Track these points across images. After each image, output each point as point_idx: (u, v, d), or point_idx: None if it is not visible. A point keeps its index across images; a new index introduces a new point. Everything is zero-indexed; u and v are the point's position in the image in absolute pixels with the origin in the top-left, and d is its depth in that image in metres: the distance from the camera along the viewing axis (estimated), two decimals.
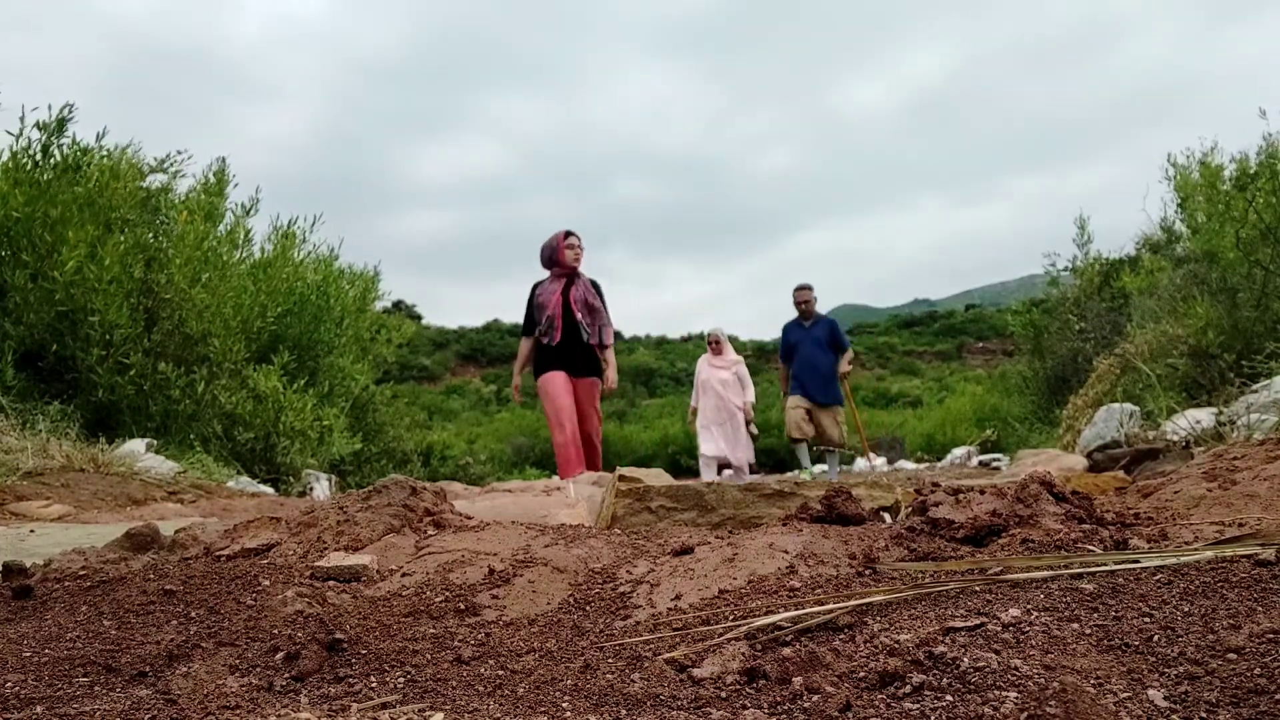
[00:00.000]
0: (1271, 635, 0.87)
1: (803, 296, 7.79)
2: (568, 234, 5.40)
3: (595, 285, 5.47)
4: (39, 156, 5.81)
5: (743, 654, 1.02)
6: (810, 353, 7.58)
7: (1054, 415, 9.01)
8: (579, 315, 5.25)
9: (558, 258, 5.34)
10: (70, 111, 5.85)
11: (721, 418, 8.12)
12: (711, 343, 8.42)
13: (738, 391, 8.18)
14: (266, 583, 1.46)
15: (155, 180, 6.76)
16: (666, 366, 39.03)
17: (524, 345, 5.47)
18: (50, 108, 5.82)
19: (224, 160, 7.26)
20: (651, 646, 1.10)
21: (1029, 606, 1.03)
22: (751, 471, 8.24)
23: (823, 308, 7.83)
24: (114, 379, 5.56)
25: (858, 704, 0.86)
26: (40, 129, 5.77)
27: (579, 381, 5.27)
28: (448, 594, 1.42)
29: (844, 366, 7.59)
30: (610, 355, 5.43)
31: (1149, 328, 6.79)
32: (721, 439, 8.11)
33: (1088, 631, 0.95)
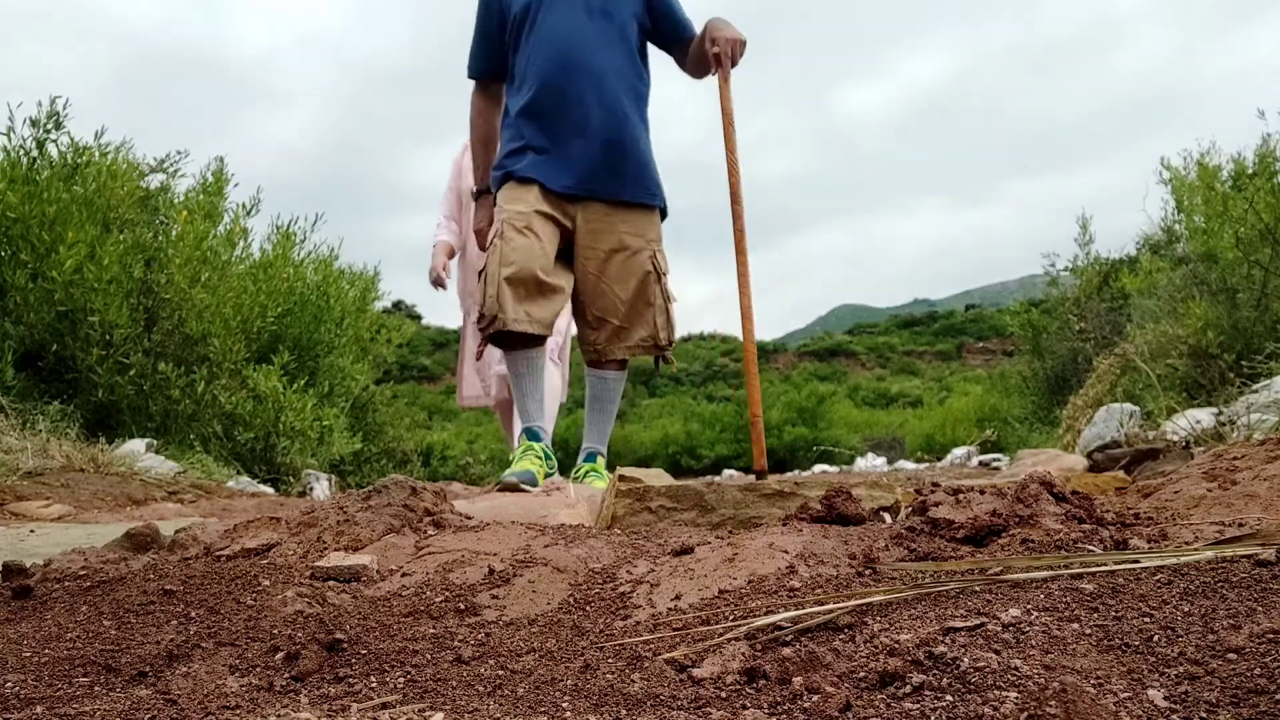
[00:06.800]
0: (1271, 635, 0.87)
1: None
2: None
3: None
4: (35, 154, 5.79)
5: (743, 654, 1.02)
6: (574, 34, 2.81)
7: (1054, 415, 9.01)
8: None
9: None
10: (65, 106, 5.82)
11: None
12: None
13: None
14: (266, 583, 1.46)
15: (154, 180, 6.75)
16: (667, 366, 38.61)
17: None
18: (40, 104, 5.79)
19: (222, 160, 7.23)
20: (651, 646, 1.10)
21: (1029, 606, 1.03)
22: None
23: (821, 307, 4.03)
24: (114, 379, 5.55)
25: (858, 704, 0.86)
26: (34, 125, 5.74)
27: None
28: (448, 594, 1.41)
29: (725, 32, 2.82)
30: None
31: (1149, 328, 6.78)
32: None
33: (1088, 631, 0.95)
